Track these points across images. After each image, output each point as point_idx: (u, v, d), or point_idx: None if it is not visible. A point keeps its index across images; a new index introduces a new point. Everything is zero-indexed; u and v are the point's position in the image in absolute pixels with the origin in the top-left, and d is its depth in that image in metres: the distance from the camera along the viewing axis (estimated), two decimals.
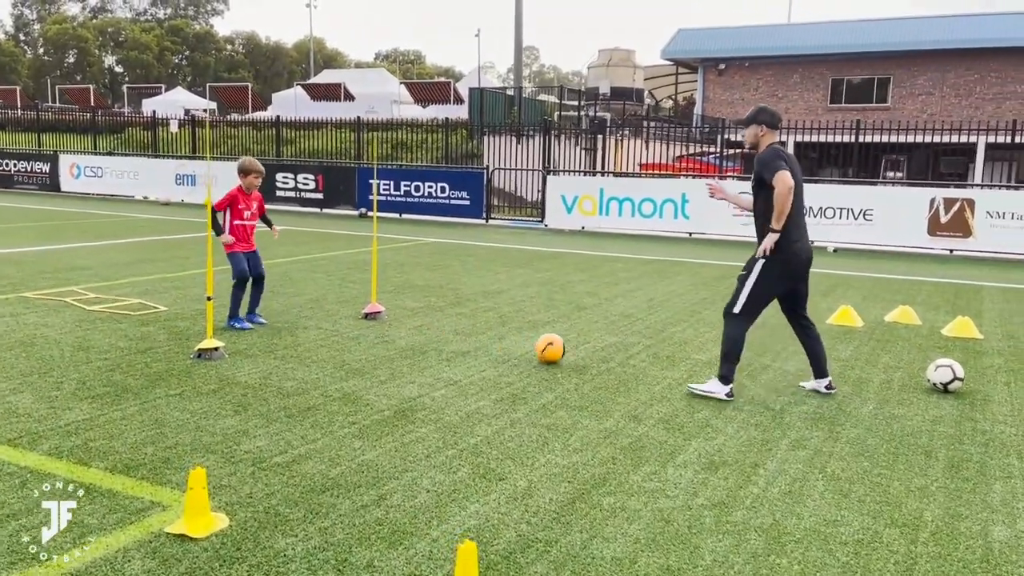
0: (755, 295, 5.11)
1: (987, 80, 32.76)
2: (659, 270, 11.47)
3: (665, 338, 7.04)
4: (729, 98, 37.43)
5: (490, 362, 6.08)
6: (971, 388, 5.59)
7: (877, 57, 33.82)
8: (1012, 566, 3.16)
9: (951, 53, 32.61)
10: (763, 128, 5.13)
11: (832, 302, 8.96)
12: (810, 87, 35.91)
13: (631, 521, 3.47)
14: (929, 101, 33.87)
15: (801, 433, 4.64)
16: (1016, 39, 31.34)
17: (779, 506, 3.65)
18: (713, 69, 37.42)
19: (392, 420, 4.71)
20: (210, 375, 5.55)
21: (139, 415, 4.69)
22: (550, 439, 4.45)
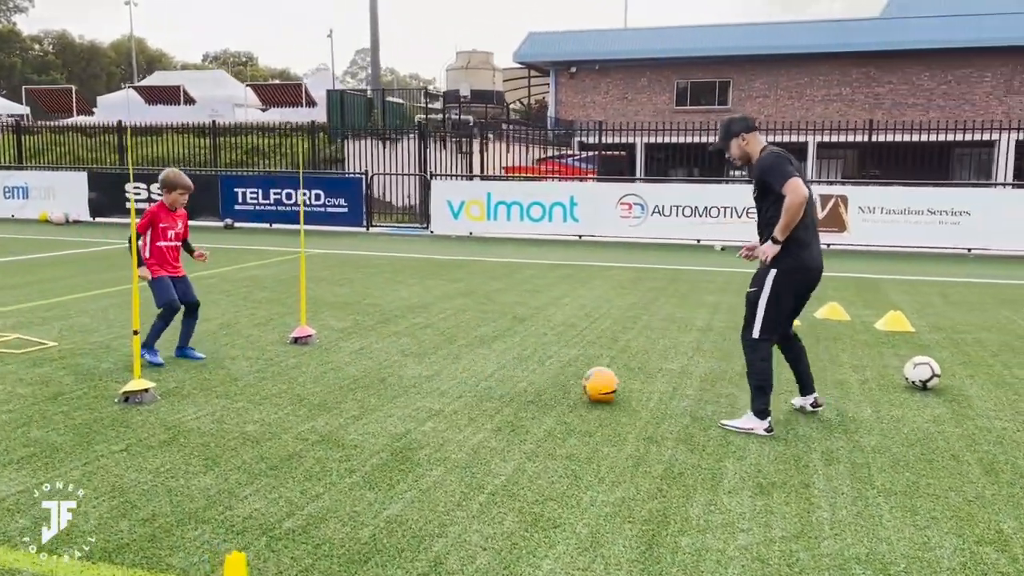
0: (770, 314, 4.69)
1: (816, 83, 35.10)
2: (570, 275, 11.27)
3: (623, 348, 6.78)
4: (581, 101, 38.18)
5: (461, 386, 5.59)
6: (942, 384, 5.66)
7: (718, 61, 35.49)
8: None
9: (783, 58, 34.69)
10: (743, 137, 4.76)
11: None
12: (657, 90, 37.20)
13: (726, 564, 3.15)
14: (765, 103, 35.89)
15: (824, 444, 4.49)
16: (839, 45, 33.76)
17: (860, 532, 3.44)
18: (565, 72, 38.03)
19: (394, 463, 4.16)
20: (152, 423, 4.76)
21: (87, 480, 3.89)
22: (579, 473, 4.06)
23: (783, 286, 4.67)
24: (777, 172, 4.62)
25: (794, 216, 4.57)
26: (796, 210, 4.56)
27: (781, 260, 4.65)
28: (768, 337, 4.73)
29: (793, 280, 4.69)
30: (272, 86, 36.25)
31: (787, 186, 4.56)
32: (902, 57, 33.36)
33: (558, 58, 37.50)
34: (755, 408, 4.71)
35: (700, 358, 6.44)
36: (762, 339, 4.71)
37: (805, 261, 4.68)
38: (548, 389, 5.53)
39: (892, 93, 34.30)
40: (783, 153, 4.72)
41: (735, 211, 14.99)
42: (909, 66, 33.61)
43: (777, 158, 4.68)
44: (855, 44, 33.85)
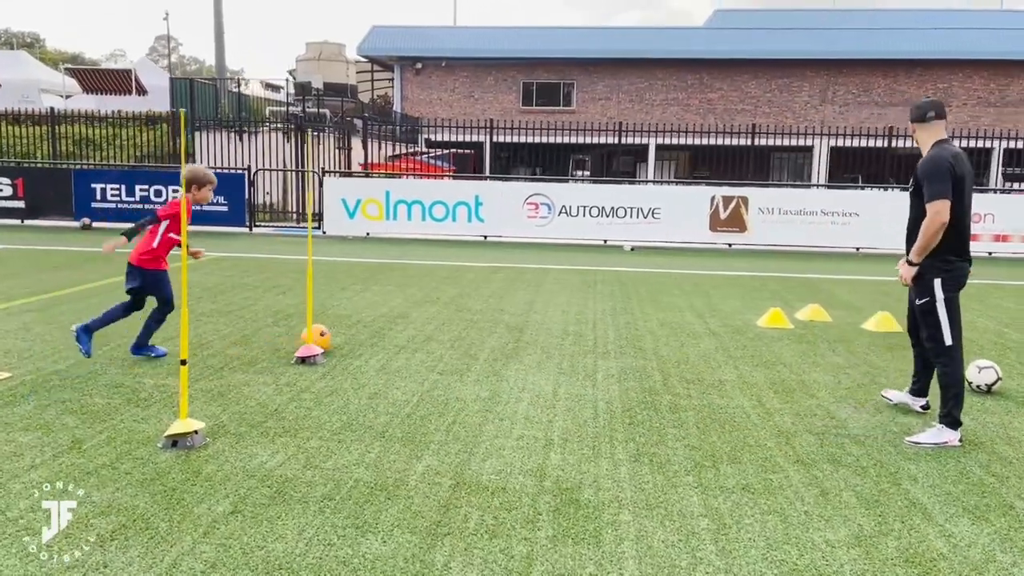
0: (953, 318, 4.59)
1: (655, 87, 36.60)
2: (514, 278, 10.89)
3: (661, 357, 6.53)
4: (427, 97, 37.63)
5: (538, 409, 5.11)
6: (1009, 391, 5.86)
7: (562, 63, 36.15)
8: None
9: (625, 62, 35.91)
10: (914, 126, 4.69)
11: (718, 302, 9.15)
12: (504, 89, 37.34)
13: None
14: (608, 105, 37.01)
15: (950, 458, 4.45)
16: (675, 51, 35.41)
17: None
18: (411, 68, 37.32)
19: (569, 510, 3.66)
20: (233, 473, 3.95)
21: (228, 559, 3.12)
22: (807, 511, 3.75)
23: (949, 289, 4.61)
24: (934, 181, 4.48)
25: (930, 240, 4.50)
26: (932, 235, 4.49)
27: (940, 269, 4.59)
28: (958, 344, 4.60)
29: (952, 280, 4.62)
30: (97, 72, 32.81)
31: (932, 205, 4.45)
32: (732, 65, 35.47)
33: (403, 53, 36.73)
34: (952, 419, 4.55)
35: (743, 366, 6.30)
36: (954, 345, 4.59)
37: (957, 262, 4.62)
38: (635, 407, 5.18)
39: (723, 99, 36.39)
40: (948, 157, 4.51)
41: (641, 212, 15.19)
42: (738, 74, 35.79)
43: (940, 165, 4.49)
44: (689, 51, 35.60)
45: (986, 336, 7.62)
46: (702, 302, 9.17)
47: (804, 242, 15.04)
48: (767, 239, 15.00)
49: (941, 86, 34.28)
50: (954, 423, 4.56)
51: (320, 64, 28.77)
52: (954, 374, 4.59)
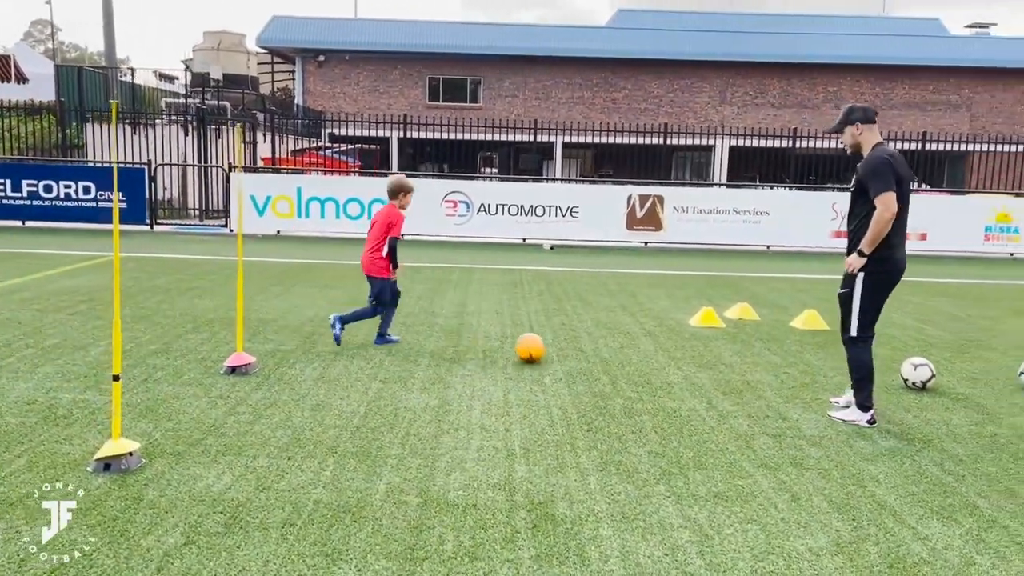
0: (865, 312, 4.82)
1: (560, 85, 36.85)
2: (441, 279, 10.67)
3: (603, 359, 6.46)
4: (331, 91, 36.80)
5: (492, 417, 4.95)
6: (942, 387, 6.03)
7: (469, 59, 35.95)
8: None
9: (531, 59, 36.00)
10: (858, 127, 4.82)
11: (646, 301, 9.19)
12: (410, 84, 36.88)
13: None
14: (515, 102, 37.05)
15: (905, 457, 4.54)
16: (580, 50, 35.74)
17: None
18: (313, 61, 36.40)
19: (544, 525, 3.52)
20: (177, 499, 3.63)
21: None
22: (786, 518, 3.71)
23: (871, 284, 4.80)
24: (879, 179, 4.67)
25: (881, 231, 4.68)
26: (883, 225, 4.66)
27: (869, 262, 4.77)
28: (864, 334, 4.87)
29: (879, 277, 4.79)
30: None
31: (881, 198, 4.62)
32: (635, 65, 36.07)
33: (305, 45, 35.76)
34: (858, 401, 4.90)
35: (686, 367, 6.31)
36: (859, 337, 4.86)
37: (890, 262, 4.79)
38: (590, 412, 5.08)
39: (627, 98, 36.98)
40: (893, 159, 4.73)
41: (560, 210, 15.18)
42: (641, 74, 36.43)
43: (884, 164, 4.69)
44: (594, 50, 36.00)
45: (907, 333, 7.90)
46: (631, 301, 9.19)
47: (718, 240, 15.37)
48: (682, 237, 15.26)
49: (831, 89, 35.83)
50: (861, 407, 4.88)
51: (219, 54, 27.64)
52: (857, 360, 4.89)
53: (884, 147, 4.82)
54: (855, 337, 4.88)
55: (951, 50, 35.52)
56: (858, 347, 4.89)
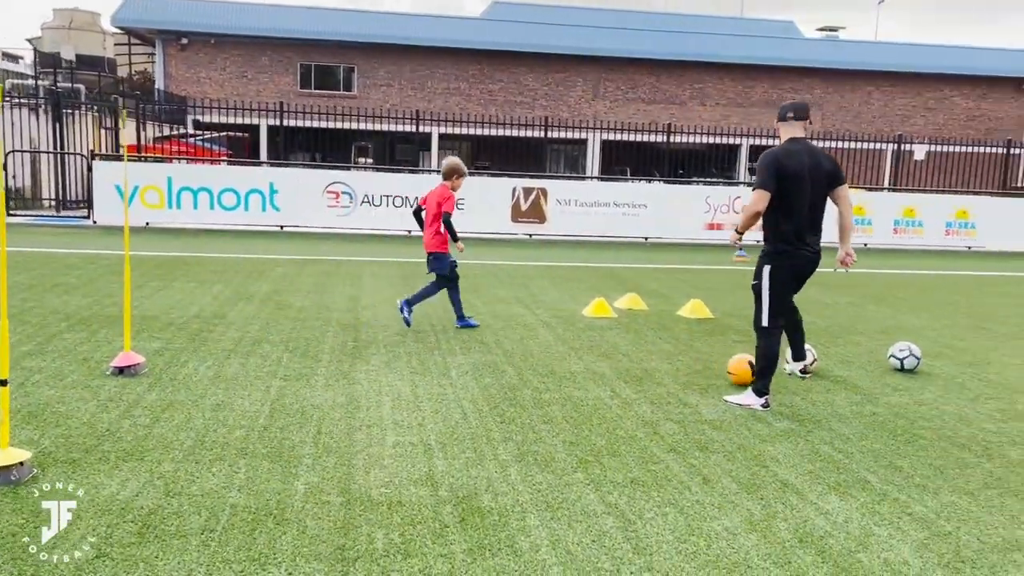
0: (775, 301, 5.11)
1: (436, 76, 36.71)
2: (329, 271, 10.44)
3: (507, 351, 6.52)
4: (195, 76, 35.25)
5: (404, 412, 4.91)
6: (823, 371, 6.41)
7: (342, 46, 35.23)
8: None
9: (406, 49, 35.65)
10: (778, 124, 5.15)
11: (538, 292, 9.34)
12: (280, 70, 35.80)
13: None
14: (390, 92, 36.62)
15: (799, 438, 4.83)
16: (458, 41, 35.71)
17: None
18: (174, 43, 34.73)
19: (473, 519, 3.54)
20: (76, 510, 3.42)
21: None
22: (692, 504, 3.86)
23: (777, 274, 5.11)
24: (758, 175, 5.03)
25: (746, 220, 5.12)
26: (748, 215, 5.09)
27: (771, 255, 5.10)
28: (775, 324, 5.15)
29: (784, 267, 5.12)
30: None
31: (753, 192, 5.03)
32: (510, 58, 36.36)
33: (166, 27, 34.07)
34: (756, 387, 5.18)
35: (586, 356, 6.45)
36: (770, 326, 5.13)
37: (788, 256, 5.10)
38: (500, 404, 5.12)
39: (503, 91, 37.24)
40: (782, 156, 5.00)
41: None
42: (517, 67, 36.76)
43: (767, 161, 5.01)
44: (470, 41, 36.02)
45: None
46: (524, 293, 9.31)
47: (599, 232, 15.75)
48: (565, 229, 15.55)
49: (697, 86, 37.34)
50: (759, 392, 5.17)
51: (71, 34, 25.87)
52: (767, 349, 5.16)
53: (787, 144, 5.10)
54: (766, 327, 5.14)
55: (805, 52, 37.72)
56: (769, 337, 5.15)
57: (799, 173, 5.00)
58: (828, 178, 5.14)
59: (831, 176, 5.15)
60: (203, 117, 26.93)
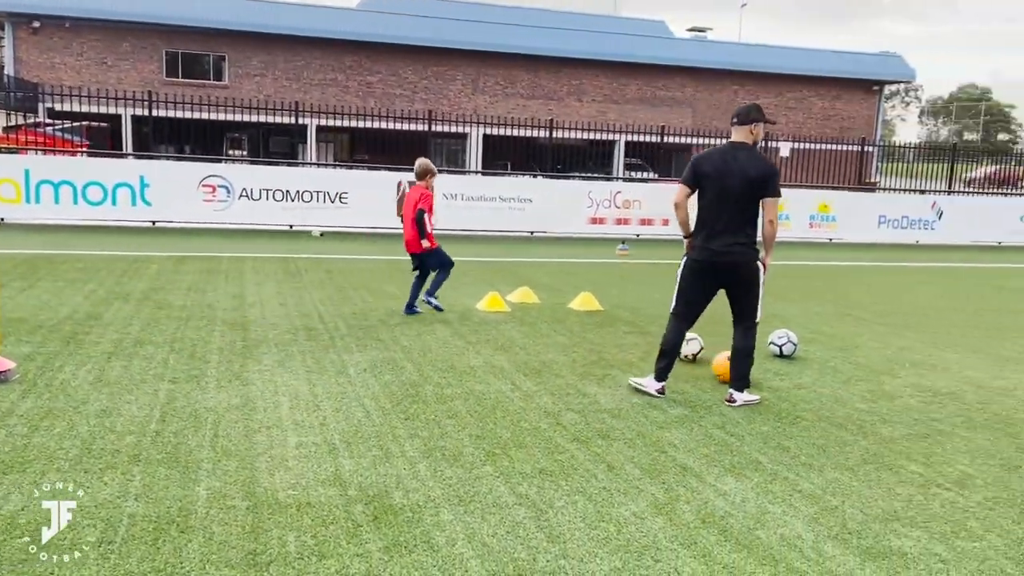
0: (679, 293, 5.33)
1: (312, 67, 35.89)
2: (210, 268, 10.05)
3: (404, 348, 6.47)
4: (49, 61, 33.13)
5: (303, 413, 4.81)
6: (708, 359, 6.67)
7: (211, 33, 33.91)
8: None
9: (280, 38, 34.68)
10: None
11: (404, 287, 9.30)
12: (143, 57, 34.14)
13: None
14: (264, 82, 35.55)
15: (692, 423, 5.05)
16: (334, 31, 34.99)
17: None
18: (25, 26, 32.49)
19: (388, 518, 3.52)
20: (9, 530, 3.19)
21: None
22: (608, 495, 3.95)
23: (683, 270, 5.34)
24: (684, 170, 5.29)
25: (675, 215, 5.28)
26: (674, 208, 5.26)
27: (687, 249, 5.34)
28: (675, 313, 5.36)
29: (688, 264, 5.29)
30: None
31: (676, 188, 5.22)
32: (389, 50, 35.97)
33: (14, 8, 31.82)
34: (655, 367, 5.39)
35: (484, 350, 6.49)
36: (672, 313, 5.38)
37: (696, 251, 5.25)
38: (403, 401, 5.09)
39: (382, 83, 36.80)
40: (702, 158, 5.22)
41: (328, 196, 14.83)
42: (395, 59, 36.41)
43: (692, 159, 5.28)
44: (347, 32, 35.38)
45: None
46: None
47: (486, 226, 15.83)
48: (452, 223, 15.53)
49: (575, 82, 38.07)
50: (655, 373, 5.41)
51: None
52: (667, 335, 5.39)
53: (723, 146, 5.26)
54: (672, 312, 5.39)
55: (676, 51, 39.09)
56: (669, 321, 5.40)
57: (711, 175, 5.09)
58: (752, 186, 5.04)
59: (756, 184, 5.04)
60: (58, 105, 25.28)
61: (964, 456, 4.54)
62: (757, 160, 5.11)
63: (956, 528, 3.61)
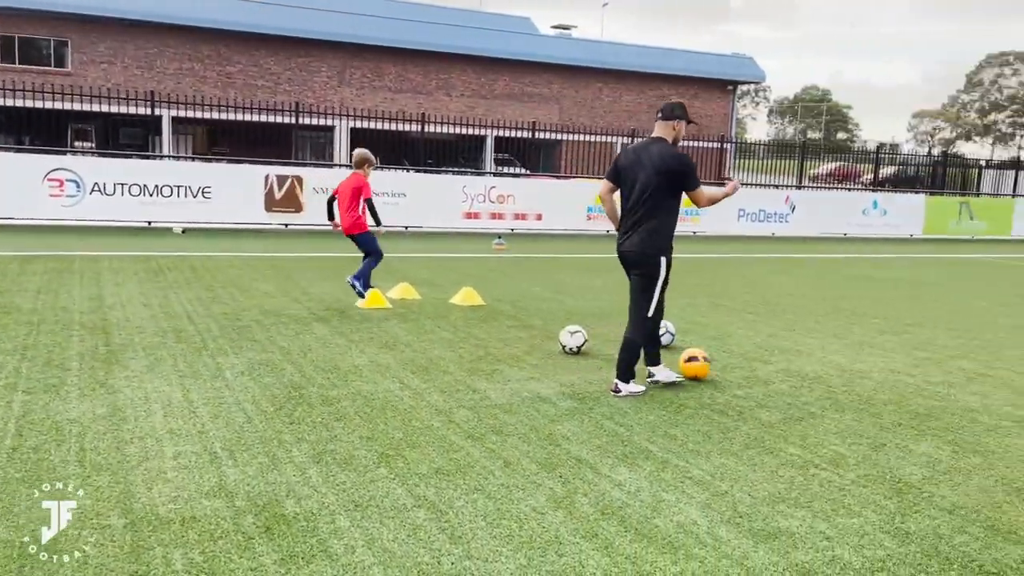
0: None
1: (166, 55, 34.16)
2: (62, 268, 9.33)
3: (284, 350, 6.21)
4: None
5: (181, 419, 4.53)
6: (593, 351, 6.75)
7: (52, 16, 31.66)
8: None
9: (130, 24, 32.80)
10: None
11: (306, 285, 9.02)
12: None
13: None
14: (112, 70, 33.56)
15: (583, 415, 5.10)
16: (188, 19, 33.35)
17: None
18: None
19: (281, 527, 3.36)
20: None
21: None
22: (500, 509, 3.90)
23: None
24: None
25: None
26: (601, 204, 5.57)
27: None
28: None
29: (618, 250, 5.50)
30: None
31: None
32: (250, 39, 34.67)
33: None
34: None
35: (368, 349, 6.33)
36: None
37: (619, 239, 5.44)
38: (286, 404, 4.88)
39: (243, 73, 35.43)
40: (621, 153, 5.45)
41: (190, 190, 14.09)
42: (257, 49, 35.14)
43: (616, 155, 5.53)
44: (204, 20, 33.82)
45: (549, 304, 8.77)
46: (291, 285, 8.96)
47: None
48: (324, 219, 15.06)
49: (443, 77, 37.91)
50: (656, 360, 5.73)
51: None
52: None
53: (640, 141, 5.51)
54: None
55: (542, 48, 39.62)
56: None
57: (625, 169, 5.28)
58: (660, 179, 5.13)
59: (665, 178, 5.14)
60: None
61: (835, 437, 4.79)
62: (668, 155, 5.19)
63: (835, 506, 3.79)
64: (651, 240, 5.24)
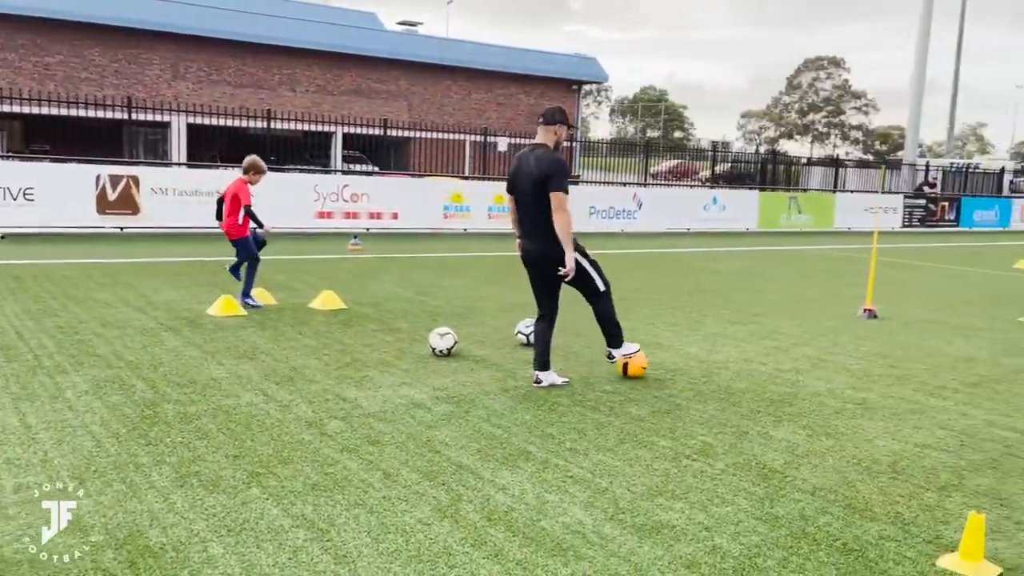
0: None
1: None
2: None
3: (136, 363, 5.76)
4: None
5: (14, 446, 4.11)
6: (464, 352, 6.67)
7: None
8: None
9: None
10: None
11: (149, 293, 8.45)
12: None
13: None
14: None
15: (460, 419, 5.04)
16: (5, 6, 30.59)
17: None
18: None
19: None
20: None
21: None
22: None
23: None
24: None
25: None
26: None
27: None
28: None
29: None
30: None
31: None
32: (72, 29, 32.24)
33: None
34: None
35: (225, 360, 5.99)
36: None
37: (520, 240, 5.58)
38: (140, 424, 4.52)
39: (63, 65, 32.91)
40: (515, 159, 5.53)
41: (9, 192, 12.86)
42: (79, 39, 32.72)
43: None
44: (17, 7, 31.13)
45: (414, 305, 8.62)
46: (132, 294, 8.35)
47: (203, 223, 14.66)
48: (164, 221, 14.22)
49: (286, 71, 36.64)
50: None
51: None
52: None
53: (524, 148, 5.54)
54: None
55: (389, 44, 39.11)
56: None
57: (512, 177, 5.46)
58: (536, 184, 5.25)
59: (539, 182, 5.23)
60: None
61: (702, 427, 4.97)
62: (544, 158, 5.32)
63: (709, 496, 3.93)
64: (552, 243, 5.35)
